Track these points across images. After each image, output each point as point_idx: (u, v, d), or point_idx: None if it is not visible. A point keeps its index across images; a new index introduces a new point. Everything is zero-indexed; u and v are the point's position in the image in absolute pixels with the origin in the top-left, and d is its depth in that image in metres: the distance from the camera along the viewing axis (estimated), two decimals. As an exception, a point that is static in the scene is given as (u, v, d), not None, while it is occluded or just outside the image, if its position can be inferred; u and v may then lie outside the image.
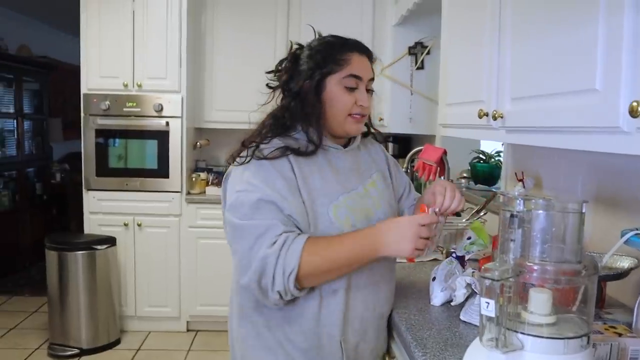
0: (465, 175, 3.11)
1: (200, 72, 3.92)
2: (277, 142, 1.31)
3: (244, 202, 1.22)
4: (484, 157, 2.96)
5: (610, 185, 1.58)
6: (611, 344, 1.06)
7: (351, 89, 1.31)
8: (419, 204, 1.42)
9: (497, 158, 2.91)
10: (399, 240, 1.20)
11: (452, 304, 1.47)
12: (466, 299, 1.44)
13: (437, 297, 1.51)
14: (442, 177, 2.63)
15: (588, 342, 0.88)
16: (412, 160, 3.02)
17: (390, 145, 4.15)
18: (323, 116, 1.32)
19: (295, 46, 1.39)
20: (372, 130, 1.53)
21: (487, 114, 1.53)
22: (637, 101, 0.86)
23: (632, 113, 0.86)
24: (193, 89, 3.85)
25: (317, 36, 1.41)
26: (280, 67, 1.38)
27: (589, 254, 0.98)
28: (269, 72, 1.40)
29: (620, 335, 1.09)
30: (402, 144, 4.15)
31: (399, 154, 4.07)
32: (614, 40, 0.94)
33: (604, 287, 1.40)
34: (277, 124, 1.33)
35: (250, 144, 1.31)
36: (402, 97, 3.69)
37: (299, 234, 1.20)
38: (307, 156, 1.29)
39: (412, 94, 3.65)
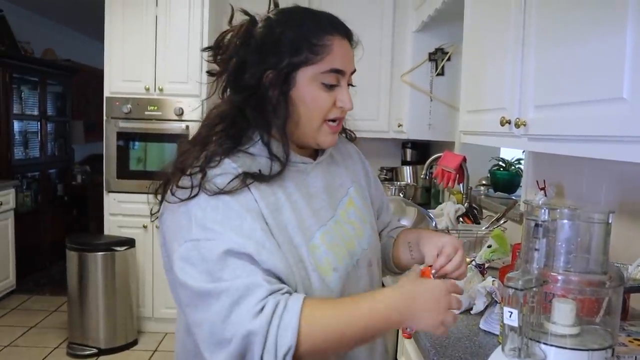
0: (484, 182, 3.09)
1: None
2: (230, 166, 0.94)
3: (204, 256, 0.86)
4: (504, 165, 2.93)
5: (635, 195, 1.56)
6: (635, 357, 1.04)
7: (330, 87, 0.98)
8: (420, 266, 1.05)
9: (517, 166, 2.88)
10: (430, 310, 0.89)
11: (472, 312, 1.46)
12: (486, 308, 1.43)
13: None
14: (461, 184, 2.62)
15: (612, 355, 0.87)
16: (431, 167, 3.01)
17: (409, 151, 4.15)
18: (290, 122, 0.98)
19: (244, 17, 1.00)
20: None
21: (509, 122, 1.52)
22: (665, 111, 0.85)
23: (660, 123, 0.85)
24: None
25: (271, 5, 1.03)
26: (222, 43, 1.01)
27: (614, 264, 0.97)
28: (206, 50, 1.04)
29: (644, 348, 1.07)
30: (421, 150, 4.14)
31: (418, 161, 4.07)
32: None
33: (628, 299, 1.38)
34: (227, 133, 0.97)
35: (192, 168, 0.93)
36: (421, 103, 3.67)
37: (289, 295, 0.87)
38: (270, 180, 0.96)
39: (431, 100, 3.64)
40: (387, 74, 3.82)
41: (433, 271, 1.01)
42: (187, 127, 3.69)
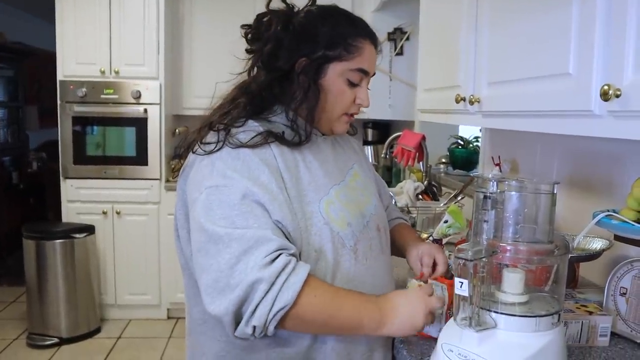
0: (444, 160, 3.14)
1: (179, 58, 3.87)
2: (253, 125, 1.05)
3: (222, 201, 0.94)
4: (462, 143, 2.98)
5: (584, 168, 1.61)
6: (582, 322, 1.09)
7: (353, 85, 1.09)
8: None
9: (475, 143, 2.94)
10: (411, 314, 0.98)
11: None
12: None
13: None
14: (420, 163, 2.65)
15: (559, 320, 0.90)
16: (391, 146, 3.03)
17: (370, 131, 4.17)
18: (319, 107, 1.07)
19: (283, 7, 1.09)
20: None
21: (464, 99, 1.54)
22: (608, 84, 0.87)
23: (604, 96, 0.88)
24: (171, 75, 3.80)
25: (309, 1, 1.12)
26: (259, 25, 1.08)
27: (560, 234, 1.00)
28: (243, 27, 1.10)
29: (591, 313, 1.12)
30: (381, 130, 4.16)
31: (378, 140, 4.09)
32: (587, 24, 0.96)
33: (577, 268, 1.44)
34: (251, 103, 1.07)
35: (219, 125, 1.04)
36: (381, 83, 3.68)
37: (297, 260, 0.95)
38: (291, 146, 1.06)
39: (391, 80, 3.65)
40: (347, 54, 3.81)
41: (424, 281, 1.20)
42: (146, 110, 3.62)
